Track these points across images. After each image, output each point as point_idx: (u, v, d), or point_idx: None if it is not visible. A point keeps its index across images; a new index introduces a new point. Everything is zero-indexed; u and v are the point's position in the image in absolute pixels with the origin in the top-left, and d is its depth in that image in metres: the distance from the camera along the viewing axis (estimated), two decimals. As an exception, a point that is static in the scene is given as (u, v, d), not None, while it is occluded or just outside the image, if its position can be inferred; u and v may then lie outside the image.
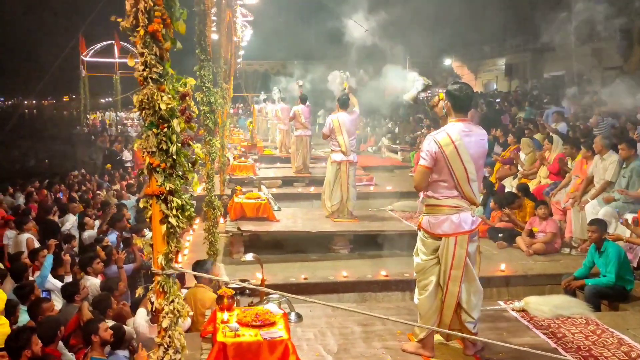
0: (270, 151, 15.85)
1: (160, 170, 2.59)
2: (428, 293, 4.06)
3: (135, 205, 10.70)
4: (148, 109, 2.57)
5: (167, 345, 2.66)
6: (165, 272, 2.63)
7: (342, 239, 7.64)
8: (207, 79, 6.91)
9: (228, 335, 3.76)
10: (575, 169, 7.95)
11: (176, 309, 2.66)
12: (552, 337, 4.64)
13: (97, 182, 14.70)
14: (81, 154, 23.03)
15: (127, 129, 27.19)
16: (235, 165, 12.01)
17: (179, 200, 2.61)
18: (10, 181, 13.56)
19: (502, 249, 7.57)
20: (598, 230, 5.86)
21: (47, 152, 32.71)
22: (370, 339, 4.55)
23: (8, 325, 4.99)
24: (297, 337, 4.51)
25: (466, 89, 4.06)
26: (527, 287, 6.46)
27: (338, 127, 7.99)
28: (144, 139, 2.64)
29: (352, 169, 8.10)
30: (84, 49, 28.64)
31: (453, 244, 3.96)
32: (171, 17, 2.56)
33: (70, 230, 8.94)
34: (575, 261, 6.74)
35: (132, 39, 2.55)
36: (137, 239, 2.91)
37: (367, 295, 6.51)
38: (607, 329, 4.84)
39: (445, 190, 3.98)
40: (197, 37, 6.78)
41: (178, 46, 2.65)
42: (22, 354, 4.10)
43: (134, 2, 2.47)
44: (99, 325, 4.43)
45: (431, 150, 3.94)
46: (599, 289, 5.66)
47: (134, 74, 2.62)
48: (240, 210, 7.95)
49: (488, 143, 4.27)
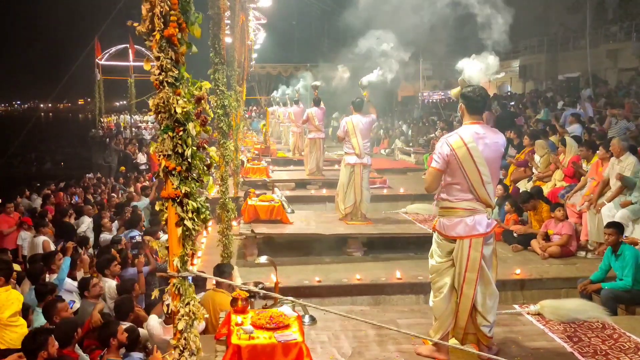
0: (283, 154, 15.88)
1: (175, 173, 2.61)
2: (443, 296, 4.04)
3: (148, 207, 10.80)
4: (164, 112, 2.59)
5: (182, 348, 2.68)
6: (180, 275, 2.65)
7: (356, 241, 7.63)
8: (222, 82, 6.93)
9: (242, 337, 3.77)
10: (591, 171, 7.87)
11: (192, 311, 2.67)
12: (568, 342, 4.59)
13: (112, 185, 14.86)
14: (96, 156, 23.26)
15: (142, 132, 27.38)
16: (249, 168, 12.05)
17: (195, 203, 2.63)
18: (26, 184, 13.74)
19: (517, 252, 7.52)
20: (615, 233, 5.80)
21: (62, 154, 33.17)
22: (385, 342, 4.53)
23: (26, 326, 5.06)
24: (311, 339, 4.51)
25: (480, 90, 4.04)
26: (542, 291, 6.41)
27: (352, 129, 7.99)
28: (159, 142, 2.66)
29: (365, 172, 8.09)
30: (99, 53, 28.96)
31: (467, 246, 3.94)
32: (186, 21, 2.58)
33: (86, 232, 9.05)
34: (591, 264, 6.68)
35: (148, 43, 2.57)
36: (153, 241, 2.93)
37: (381, 298, 6.50)
38: (624, 333, 4.77)
39: (459, 192, 3.97)
40: (211, 41, 6.81)
41: (193, 50, 2.67)
42: (38, 355, 4.15)
43: (150, 6, 2.49)
44: (117, 328, 4.47)
45: (443, 153, 3.94)
46: (616, 292, 5.59)
47: (148, 77, 2.65)
48: (253, 213, 7.98)
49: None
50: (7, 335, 4.96)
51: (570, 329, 4.87)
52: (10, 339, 4.94)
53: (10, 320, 4.99)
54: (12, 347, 4.85)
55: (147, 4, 2.49)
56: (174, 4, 2.45)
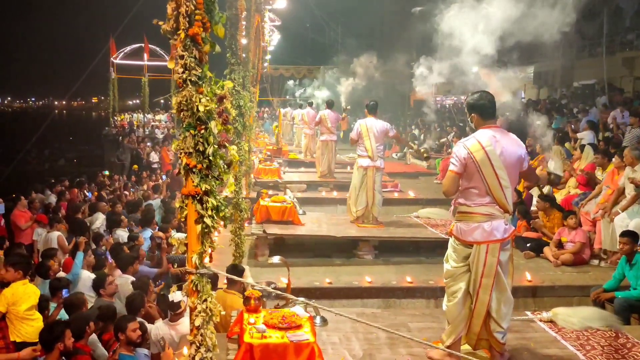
0: (295, 155, 15.91)
1: (196, 170, 2.64)
2: (457, 300, 4.03)
3: (161, 206, 10.87)
4: (186, 110, 2.61)
5: (199, 344, 2.70)
6: (199, 272, 2.67)
7: (367, 244, 7.63)
8: (237, 82, 6.98)
9: (255, 336, 3.79)
10: (606, 180, 7.82)
11: (209, 307, 2.70)
12: (581, 350, 4.57)
13: (124, 183, 14.97)
14: (109, 154, 23.44)
15: (155, 131, 27.56)
16: (261, 169, 12.09)
17: (214, 201, 2.65)
18: (40, 180, 13.89)
19: (530, 259, 7.49)
20: (630, 242, 5.76)
21: (76, 152, 33.45)
22: (396, 345, 4.53)
23: (41, 320, 5.12)
24: (322, 340, 4.51)
25: (486, 95, 4.05)
26: (554, 298, 6.37)
27: (366, 132, 7.99)
28: (181, 140, 2.69)
29: (378, 175, 8.09)
30: (114, 52, 29.16)
31: (484, 252, 3.93)
32: (210, 20, 2.61)
33: (100, 229, 9.12)
34: (605, 273, 6.63)
35: (172, 41, 2.60)
36: (172, 238, 2.96)
37: (392, 302, 6.49)
38: (638, 342, 4.73)
39: (477, 197, 3.96)
40: (228, 41, 6.86)
41: (217, 49, 2.70)
42: (55, 347, 4.20)
43: (176, 5, 2.52)
44: (127, 325, 4.50)
45: (460, 156, 3.93)
46: (630, 302, 5.55)
47: (162, 76, 2.68)
48: (265, 213, 8.00)
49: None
50: (23, 328, 5.03)
51: (583, 337, 4.84)
52: (26, 332, 5.01)
53: (27, 314, 5.06)
54: (28, 340, 4.92)
55: (173, 3, 2.52)
56: (199, 4, 2.48)
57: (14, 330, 5.02)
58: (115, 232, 8.65)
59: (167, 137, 24.61)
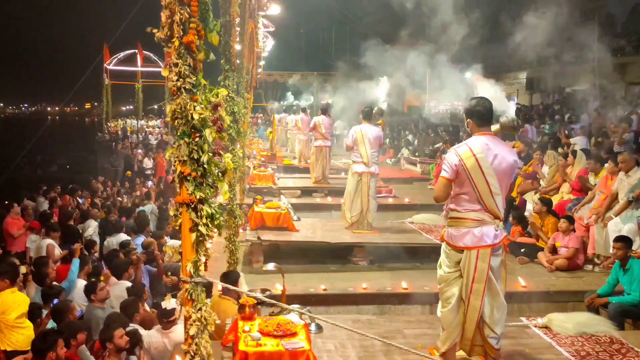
0: (289, 161, 15.90)
1: (191, 179, 2.63)
2: (451, 306, 4.03)
3: (154, 212, 10.83)
4: (181, 118, 2.60)
5: (193, 353, 2.68)
6: (194, 280, 2.66)
7: (362, 250, 7.62)
8: (232, 88, 6.96)
9: (250, 344, 3.77)
10: (599, 185, 7.86)
11: (203, 316, 2.68)
12: (575, 355, 4.58)
13: (117, 189, 14.91)
14: (102, 160, 23.35)
15: (148, 137, 27.47)
16: (255, 175, 12.07)
17: (209, 209, 2.64)
18: (33, 187, 13.80)
19: (524, 264, 7.50)
20: (624, 247, 5.79)
21: (69, 158, 33.28)
22: (391, 352, 4.52)
23: (32, 328, 5.07)
24: (318, 348, 4.50)
25: (484, 102, 4.08)
26: (549, 304, 6.39)
27: (361, 138, 8.00)
28: (175, 148, 2.68)
29: (373, 181, 8.09)
30: (107, 57, 29.08)
31: (475, 257, 3.94)
32: (205, 28, 2.60)
33: (92, 236, 9.07)
34: (599, 278, 6.65)
35: (166, 49, 2.59)
36: (166, 246, 2.94)
37: (387, 308, 6.48)
38: (632, 348, 4.75)
39: (468, 203, 3.98)
40: (222, 48, 6.84)
41: (211, 57, 2.69)
42: (47, 356, 4.16)
43: (170, 13, 2.52)
44: (113, 333, 4.45)
45: (452, 162, 3.96)
46: (624, 307, 5.56)
47: (155, 82, 2.68)
48: (260, 220, 7.98)
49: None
50: (13, 337, 4.99)
51: (578, 342, 4.85)
52: (17, 341, 4.97)
53: (17, 322, 5.02)
54: (18, 349, 4.88)
55: (167, 10, 2.51)
56: (193, 12, 2.48)
57: (4, 339, 4.98)
58: (108, 239, 8.61)
59: (161, 143, 24.54)
